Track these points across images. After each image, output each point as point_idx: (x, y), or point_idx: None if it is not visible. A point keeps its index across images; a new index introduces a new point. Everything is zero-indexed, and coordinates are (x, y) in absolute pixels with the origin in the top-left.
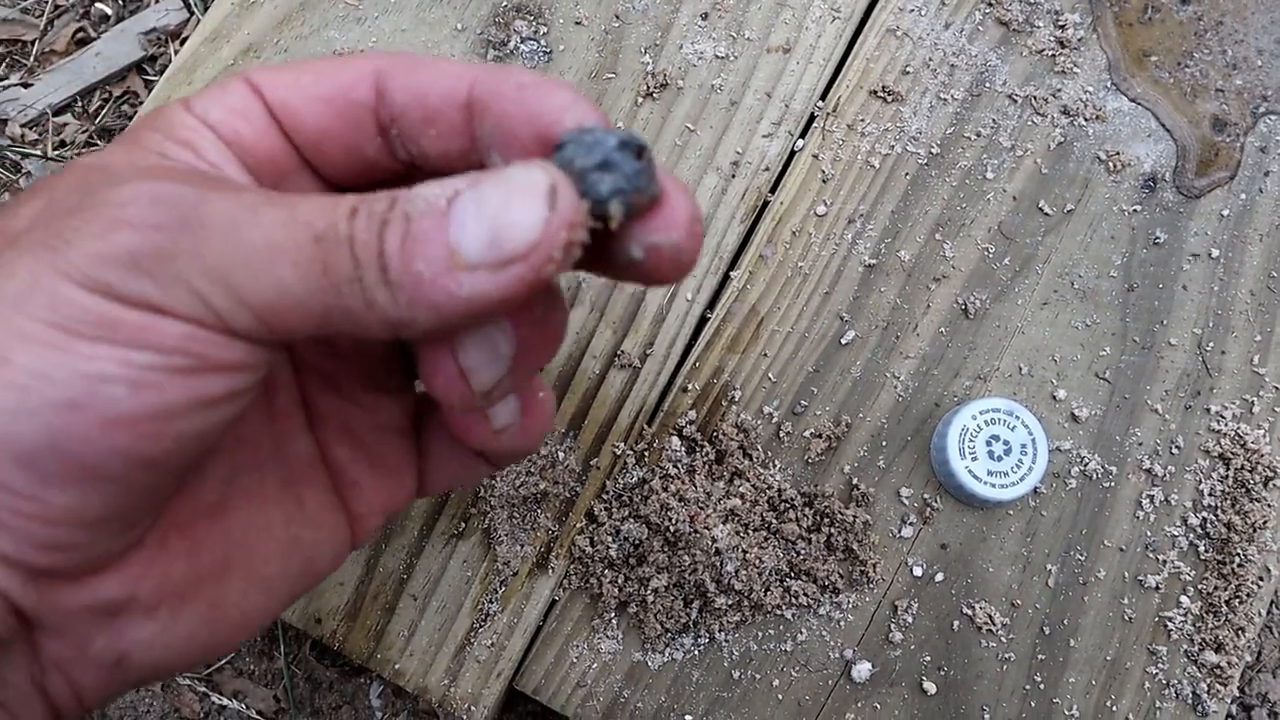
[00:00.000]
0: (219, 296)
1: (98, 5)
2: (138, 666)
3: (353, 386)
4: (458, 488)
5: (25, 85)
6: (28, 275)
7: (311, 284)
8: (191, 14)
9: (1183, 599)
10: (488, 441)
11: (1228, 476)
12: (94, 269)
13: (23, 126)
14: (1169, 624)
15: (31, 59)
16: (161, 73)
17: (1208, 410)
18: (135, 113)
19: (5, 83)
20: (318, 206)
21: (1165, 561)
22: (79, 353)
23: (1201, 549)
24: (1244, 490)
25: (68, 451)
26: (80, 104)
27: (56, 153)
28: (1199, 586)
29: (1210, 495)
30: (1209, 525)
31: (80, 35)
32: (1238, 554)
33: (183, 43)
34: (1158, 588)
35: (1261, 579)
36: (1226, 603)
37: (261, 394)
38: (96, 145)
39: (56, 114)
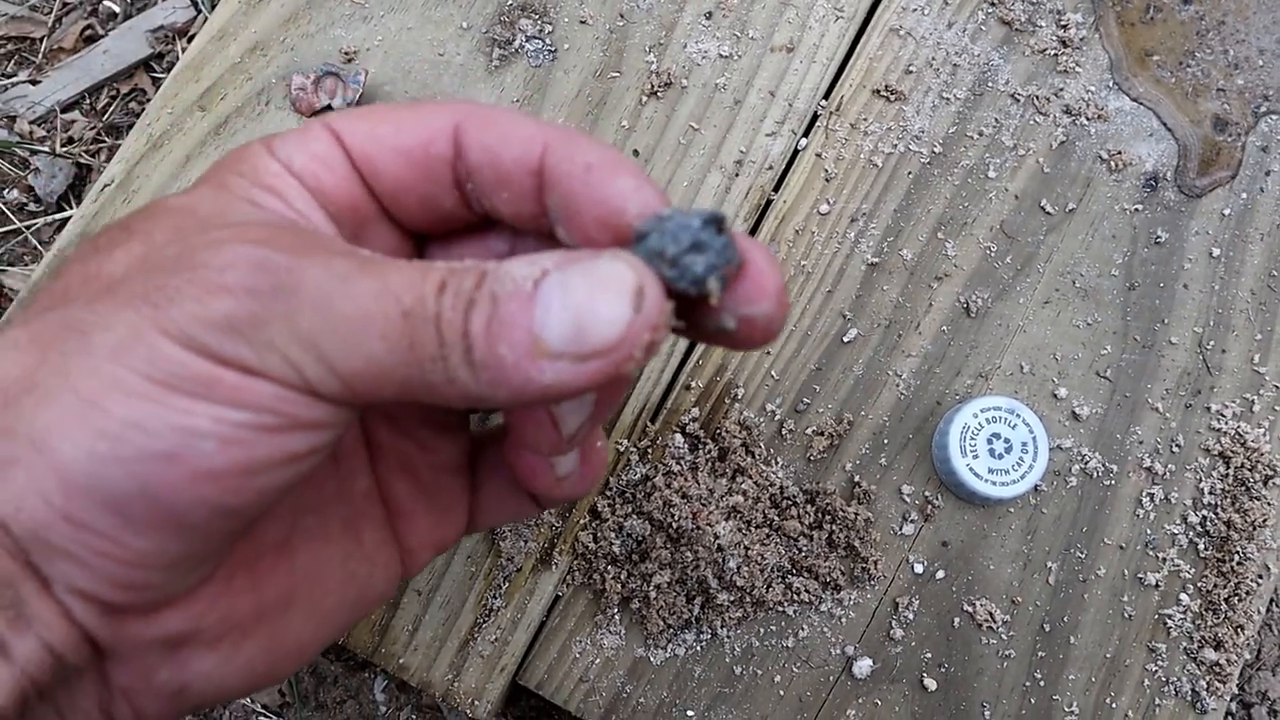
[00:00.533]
0: (309, 364)
1: (106, 3)
2: (198, 694)
3: (414, 425)
4: (506, 524)
5: (34, 82)
6: (127, 329)
7: (397, 357)
8: (199, 12)
9: (1182, 597)
10: (550, 488)
11: (1228, 475)
12: (193, 329)
13: (31, 123)
14: (1169, 621)
15: (40, 56)
16: (169, 70)
17: (1208, 409)
18: (142, 110)
19: (14, 80)
20: (407, 279)
21: (1165, 559)
22: (174, 407)
23: (1201, 547)
24: (1244, 488)
25: (154, 500)
26: (88, 101)
27: (64, 149)
28: (1199, 584)
29: (1210, 493)
30: (1209, 523)
31: (88, 32)
32: (1237, 552)
33: (190, 40)
34: (1157, 585)
35: (1261, 577)
36: (1226, 600)
37: None
38: (104, 142)
39: (64, 111)
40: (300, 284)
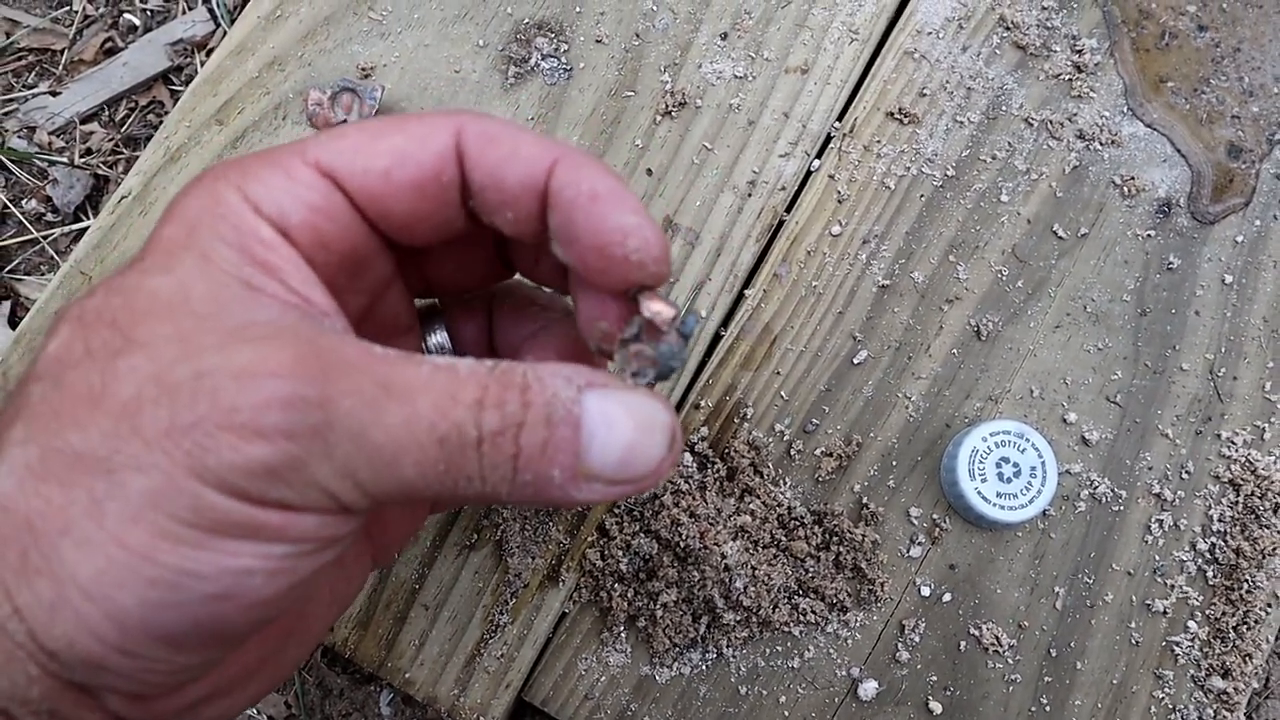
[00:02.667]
0: (346, 492)
1: (126, 16)
2: None
3: None
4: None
5: (54, 94)
6: (164, 477)
7: (430, 480)
8: (218, 25)
9: (1190, 624)
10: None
11: (1237, 502)
12: (234, 478)
13: (50, 134)
14: (1176, 649)
15: (60, 68)
16: (187, 83)
17: (1218, 436)
18: (160, 122)
19: (34, 91)
20: (437, 402)
21: (1173, 586)
22: (222, 550)
23: (1210, 574)
24: (1254, 516)
25: (209, 631)
26: (107, 113)
27: (83, 160)
28: (1207, 612)
29: (1220, 521)
30: (1218, 551)
31: (108, 45)
32: (1246, 580)
33: (209, 54)
34: (1165, 612)
35: (1270, 605)
36: (1234, 628)
37: None
38: (121, 154)
39: (84, 122)
40: (334, 420)
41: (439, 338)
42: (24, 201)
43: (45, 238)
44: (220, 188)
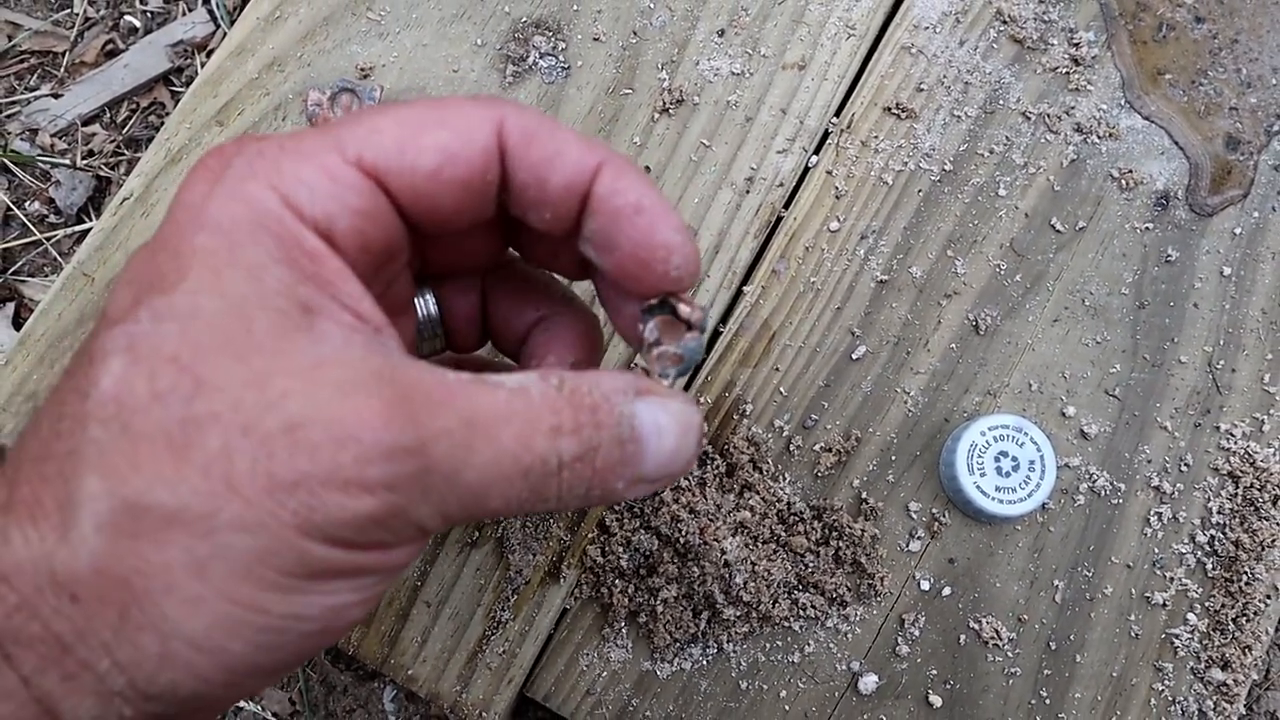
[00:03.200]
0: (436, 525)
1: (126, 18)
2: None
3: None
4: None
5: (56, 96)
6: (270, 537)
7: (512, 507)
8: (218, 27)
9: (1190, 616)
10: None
11: (1236, 494)
12: (341, 532)
13: (53, 136)
14: (1176, 641)
15: (62, 70)
16: (188, 84)
17: (1217, 428)
18: (161, 123)
19: (36, 93)
20: (520, 433)
21: (1173, 579)
22: (325, 591)
23: (1209, 566)
24: (1253, 508)
25: (304, 658)
26: (108, 114)
27: (85, 162)
28: (1206, 604)
29: (1219, 513)
30: (1217, 543)
31: (109, 47)
32: (1245, 572)
33: (209, 55)
34: (1165, 605)
35: (1269, 597)
36: (1234, 620)
37: None
38: (123, 155)
39: (85, 124)
40: (430, 465)
41: (430, 307)
42: (27, 203)
43: (48, 239)
44: (253, 190)
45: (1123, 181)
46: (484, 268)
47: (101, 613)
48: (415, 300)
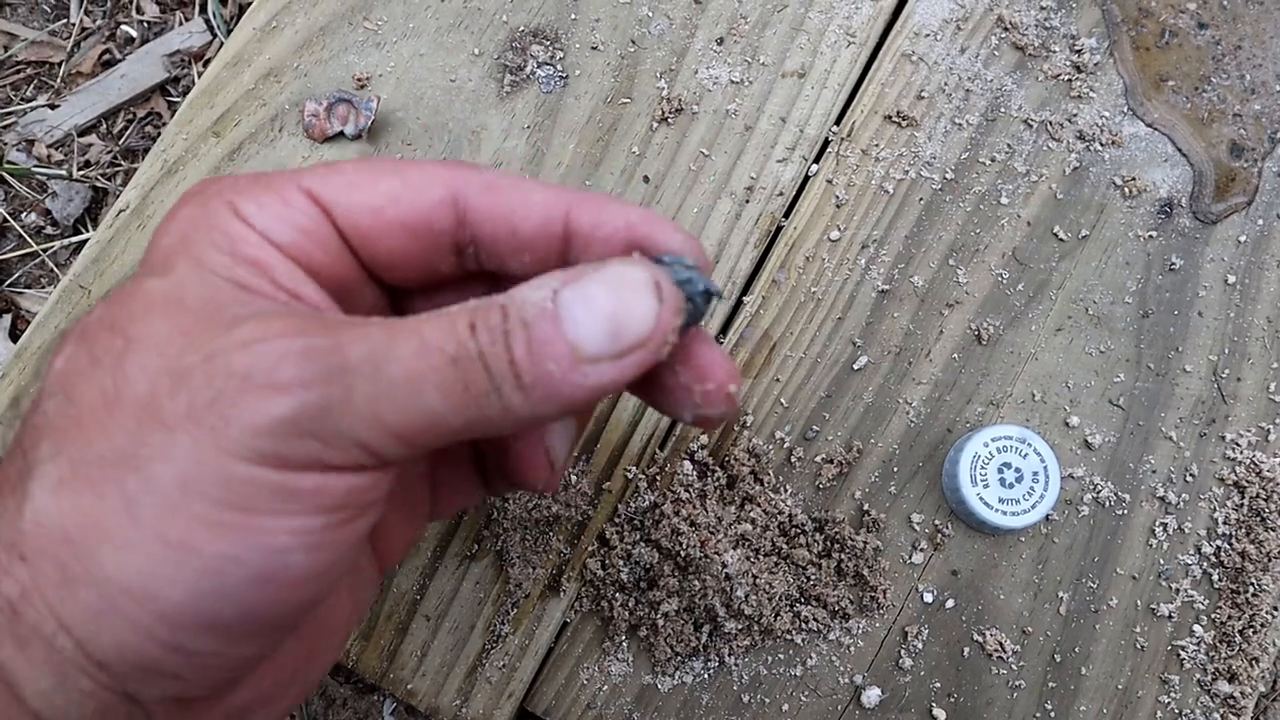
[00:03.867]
0: (376, 437)
1: (123, 28)
2: None
3: None
4: (462, 509)
5: (52, 106)
6: (189, 459)
7: (453, 403)
8: (214, 36)
9: (1196, 628)
10: (537, 479)
11: (1242, 505)
12: (259, 442)
13: (49, 147)
14: (1182, 653)
15: (58, 80)
16: (184, 94)
17: (1223, 438)
18: (158, 134)
19: (33, 104)
20: (440, 329)
21: (1178, 590)
22: (260, 529)
23: (1215, 578)
24: (1259, 519)
25: (256, 617)
26: (105, 125)
27: (81, 173)
28: (1212, 615)
29: (1224, 524)
30: (1223, 554)
31: (106, 57)
32: (1252, 583)
33: (205, 64)
34: (1170, 616)
35: (1276, 608)
36: (1240, 632)
37: None
38: (120, 166)
39: (82, 135)
40: (347, 362)
41: None
42: (23, 215)
43: (45, 250)
44: (213, 202)
45: (1126, 189)
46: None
47: (45, 570)
48: None
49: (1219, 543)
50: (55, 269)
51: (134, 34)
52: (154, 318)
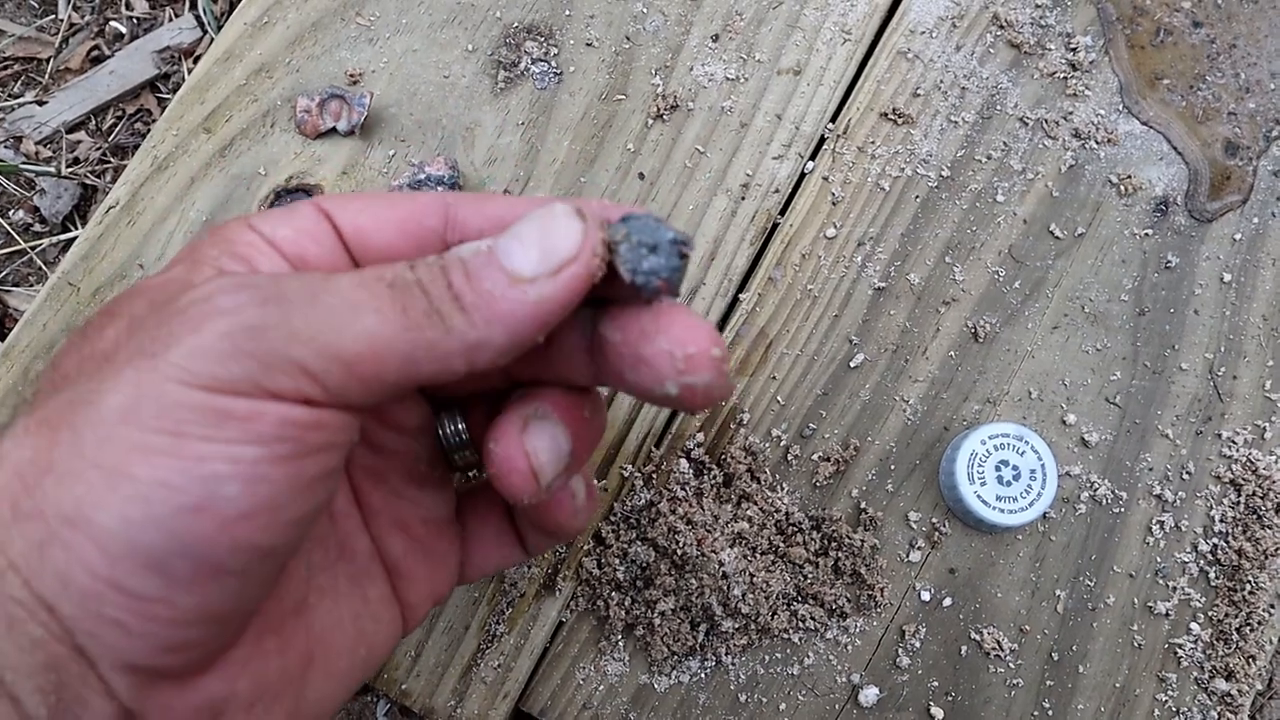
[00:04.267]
0: (313, 358)
1: (112, 24)
2: None
3: (399, 482)
4: (494, 574)
5: (40, 103)
6: (131, 387)
7: (394, 323)
8: (204, 32)
9: (1193, 626)
10: (563, 522)
11: (1239, 503)
12: (195, 363)
13: (37, 144)
14: (1179, 651)
15: (46, 76)
16: (174, 91)
17: (1219, 436)
18: (149, 130)
19: (21, 100)
20: (379, 267)
21: (1175, 588)
22: (192, 455)
23: (1212, 575)
24: (1255, 517)
25: (194, 552)
26: (94, 121)
27: (70, 170)
28: (1209, 613)
29: (1221, 521)
30: (1220, 552)
31: (95, 53)
32: (1249, 581)
33: (196, 61)
34: (1168, 614)
35: (1273, 606)
36: (1237, 630)
37: None
38: (109, 163)
39: (70, 131)
40: (285, 292)
41: (456, 425)
42: (11, 212)
43: (34, 248)
44: (235, 221)
45: (1121, 187)
46: (487, 391)
47: (1, 513)
48: (439, 420)
49: (1216, 540)
50: (44, 266)
51: (123, 30)
52: (137, 297)
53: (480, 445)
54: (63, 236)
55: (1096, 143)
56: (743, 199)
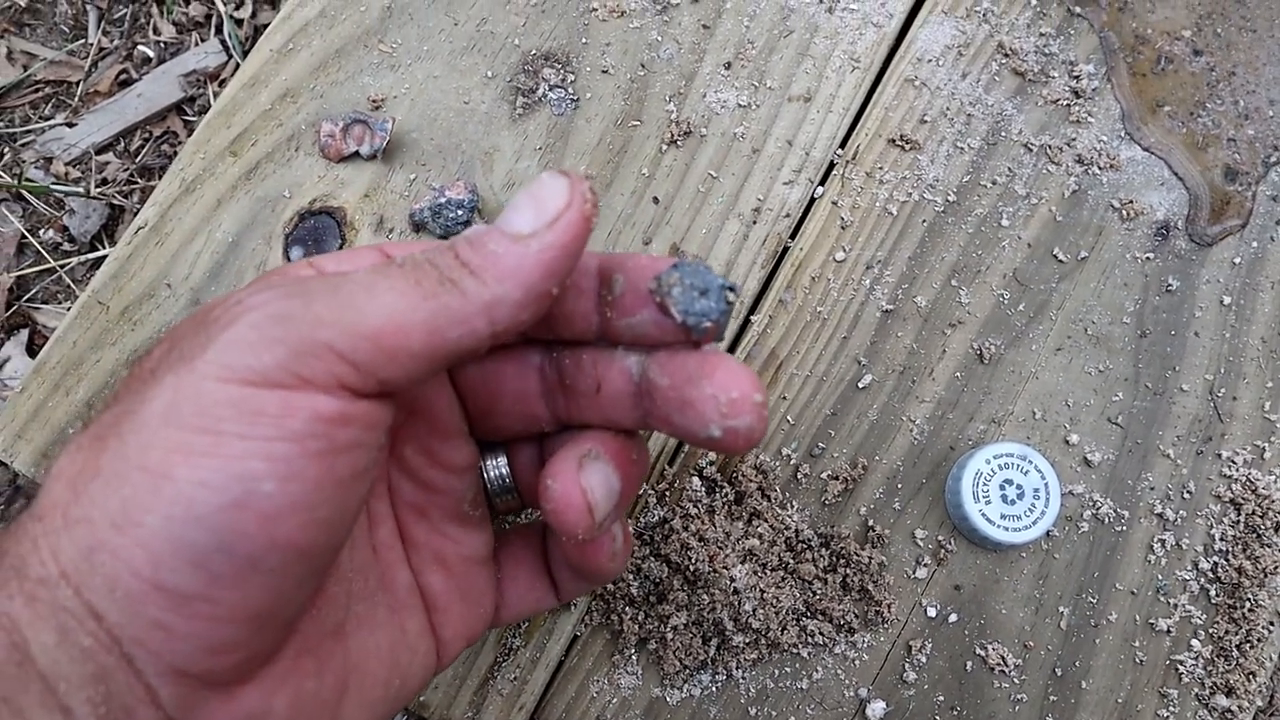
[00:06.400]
0: (340, 338)
1: (140, 48)
2: None
3: (442, 519)
4: (526, 618)
5: (70, 125)
6: (170, 389)
7: (410, 295)
8: (229, 57)
9: (1194, 643)
10: (604, 563)
11: (1239, 522)
12: (229, 356)
13: (67, 165)
14: (1180, 667)
15: (76, 99)
16: (200, 113)
17: (1219, 456)
18: (175, 152)
19: (51, 122)
20: (389, 253)
21: (1176, 605)
22: (229, 454)
23: (1212, 593)
24: (1255, 536)
25: (234, 549)
26: (122, 143)
27: (98, 190)
28: (1210, 630)
29: (1221, 540)
30: (1220, 570)
31: (123, 77)
32: (1249, 599)
33: (221, 84)
34: (1169, 631)
35: (1273, 623)
36: (1238, 647)
37: (366, 528)
38: (136, 184)
39: (99, 153)
40: (306, 286)
41: (500, 469)
42: (41, 231)
43: (62, 266)
44: (299, 261)
45: (1124, 212)
46: (538, 432)
47: (53, 521)
48: (484, 462)
49: (1216, 559)
50: (72, 284)
51: (151, 54)
52: (184, 323)
53: (522, 490)
54: (91, 255)
55: (1099, 168)
56: (754, 223)
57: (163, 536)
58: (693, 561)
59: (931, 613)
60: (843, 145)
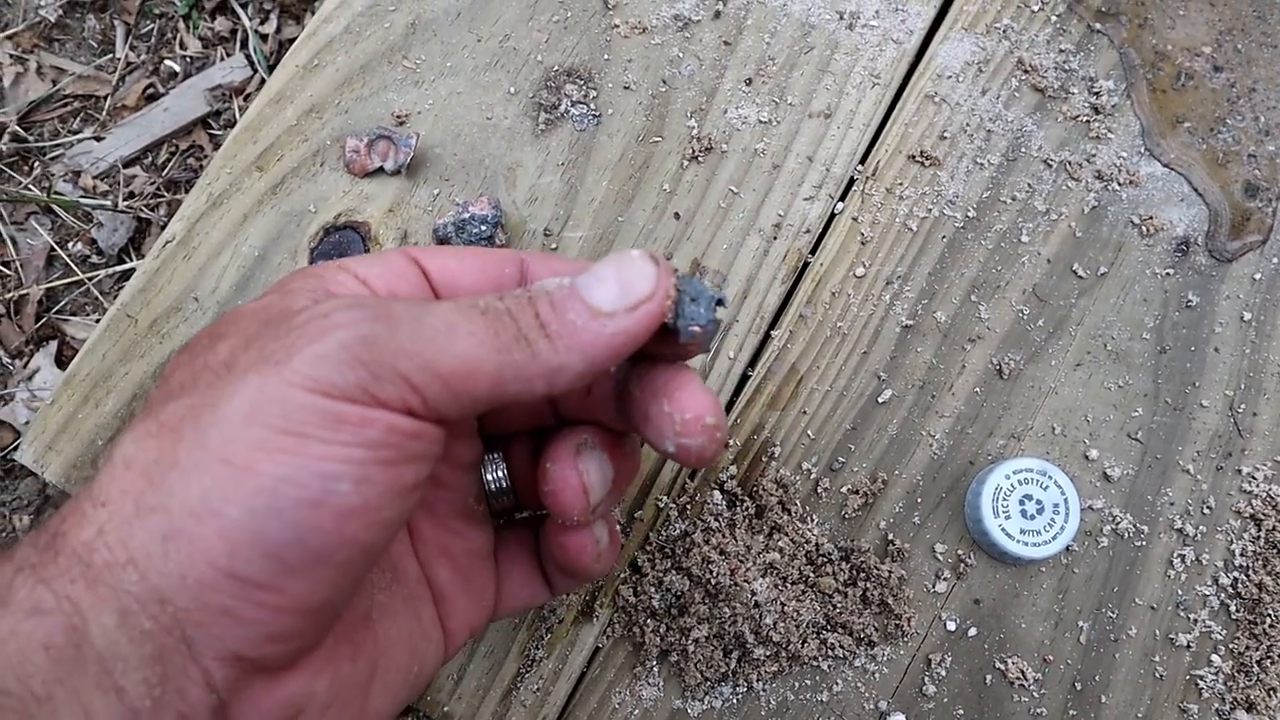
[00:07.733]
0: (416, 371)
1: (166, 63)
2: None
3: (447, 514)
4: (522, 612)
5: (98, 139)
6: (256, 391)
7: (487, 346)
8: (254, 71)
9: (1214, 658)
10: (589, 561)
11: (1259, 537)
12: (315, 369)
13: (95, 178)
14: (1200, 683)
15: (104, 113)
16: (226, 127)
17: (1239, 471)
18: (201, 166)
19: (80, 136)
20: (472, 297)
21: (1196, 620)
22: (312, 455)
23: (1233, 609)
24: (1275, 551)
25: (308, 543)
26: (149, 157)
27: (126, 204)
28: (1230, 646)
29: (1241, 555)
30: (1240, 585)
31: (150, 91)
32: (1269, 614)
33: (246, 99)
34: (1189, 646)
35: None
36: (1258, 663)
37: None
38: (163, 197)
39: (126, 166)
40: (394, 312)
41: (499, 470)
42: (70, 244)
43: (90, 279)
44: (327, 264)
45: (1143, 228)
46: (537, 427)
47: (123, 508)
48: (485, 462)
49: (1236, 574)
50: (100, 297)
51: (177, 69)
52: (240, 320)
53: (518, 489)
54: (119, 268)
55: (1119, 184)
56: (775, 239)
57: (242, 527)
58: (714, 575)
59: (951, 626)
60: (863, 161)
